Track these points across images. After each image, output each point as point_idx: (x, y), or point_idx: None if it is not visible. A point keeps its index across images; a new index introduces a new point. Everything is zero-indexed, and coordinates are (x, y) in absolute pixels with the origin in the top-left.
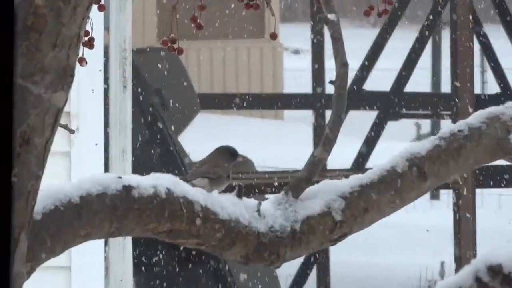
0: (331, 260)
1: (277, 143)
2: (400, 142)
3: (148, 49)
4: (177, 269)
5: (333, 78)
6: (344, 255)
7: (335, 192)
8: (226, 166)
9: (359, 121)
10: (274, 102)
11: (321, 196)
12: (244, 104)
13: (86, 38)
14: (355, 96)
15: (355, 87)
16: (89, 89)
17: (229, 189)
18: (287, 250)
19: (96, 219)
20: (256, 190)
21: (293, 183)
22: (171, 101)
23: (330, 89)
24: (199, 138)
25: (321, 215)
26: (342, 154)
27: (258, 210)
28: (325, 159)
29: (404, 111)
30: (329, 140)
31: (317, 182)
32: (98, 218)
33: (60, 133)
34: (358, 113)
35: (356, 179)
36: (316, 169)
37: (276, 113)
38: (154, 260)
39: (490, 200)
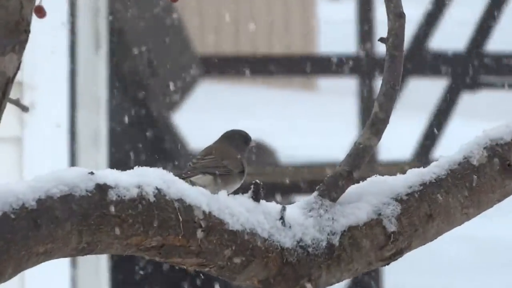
0: (385, 286)
1: (309, 123)
2: (477, 122)
3: None
4: None
5: (385, 34)
6: (402, 278)
7: (387, 193)
8: (238, 157)
9: (421, 93)
10: (305, 66)
11: (368, 198)
12: (263, 69)
13: None
14: (416, 58)
15: (416, 46)
16: (48, 51)
17: (242, 189)
18: (322, 273)
19: (59, 231)
20: (280, 190)
21: (329, 181)
22: (162, 66)
23: (380, 48)
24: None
25: (368, 224)
26: (397, 140)
27: (282, 218)
28: (373, 147)
29: (484, 78)
30: (378, 120)
31: (363, 179)
32: (62, 230)
33: (9, 111)
34: (420, 83)
35: (416, 175)
36: (361, 161)
37: (307, 81)
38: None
39: None
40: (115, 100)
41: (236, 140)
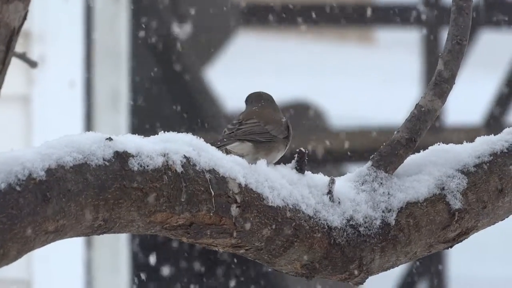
0: (451, 274)
1: (364, 82)
2: None
3: None
4: None
5: None
6: (471, 266)
7: (452, 164)
8: (283, 121)
9: (494, 49)
10: (361, 16)
11: (430, 170)
12: (312, 19)
13: None
14: (488, 8)
15: None
16: None
17: (284, 158)
18: (375, 256)
19: (72, 206)
20: (329, 159)
21: (385, 150)
22: (192, 14)
23: None
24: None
25: (429, 200)
26: (465, 102)
27: (330, 192)
28: (436, 111)
29: None
30: (443, 80)
31: (424, 148)
32: (76, 204)
33: (15, 66)
34: (493, 37)
35: (486, 144)
36: (422, 127)
37: (363, 34)
38: (162, 273)
39: None
40: (137, 55)
41: (272, 100)
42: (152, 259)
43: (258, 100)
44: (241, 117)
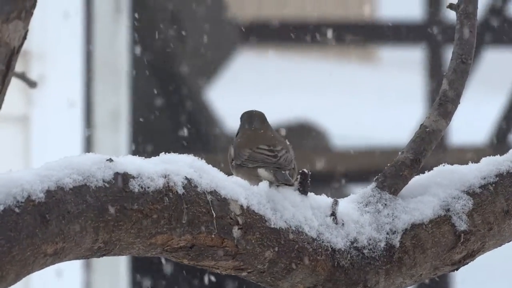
0: None
1: (367, 102)
2: None
3: None
4: None
5: (455, 0)
6: None
7: (457, 185)
8: (286, 141)
9: (499, 68)
10: (363, 34)
11: (435, 191)
12: (313, 37)
13: None
14: (492, 27)
15: (492, 13)
16: (60, 15)
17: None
18: (379, 279)
19: (71, 228)
20: (331, 180)
21: (390, 171)
22: (193, 33)
23: (451, 15)
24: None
25: (434, 222)
26: (470, 122)
27: (334, 214)
28: (441, 131)
29: None
30: (448, 99)
31: (429, 168)
32: (75, 226)
33: (14, 86)
34: (498, 56)
35: (491, 164)
36: (427, 147)
37: (365, 52)
38: None
39: None
40: (138, 74)
41: (268, 124)
42: (152, 282)
43: (261, 120)
44: (271, 145)
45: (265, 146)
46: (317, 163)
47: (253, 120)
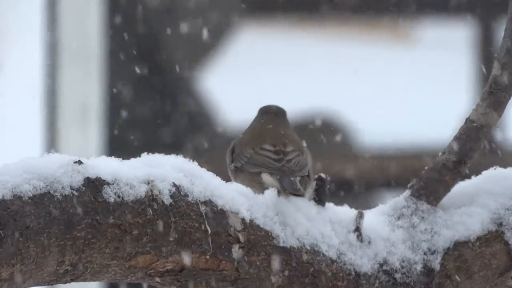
0: None
1: (402, 90)
2: None
3: None
4: None
5: None
6: None
7: None
8: (305, 147)
9: None
10: (396, 7)
11: (484, 201)
12: (333, 10)
13: None
14: None
15: None
16: None
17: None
18: None
19: (31, 247)
20: (355, 188)
21: (428, 175)
22: (182, 5)
23: None
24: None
25: (484, 239)
26: None
27: (358, 229)
28: (491, 126)
29: None
30: (500, 87)
31: (477, 174)
32: (36, 245)
33: None
34: None
35: None
36: (474, 147)
37: (399, 30)
38: None
39: None
40: (113, 56)
41: (286, 119)
42: None
43: (274, 116)
44: (279, 145)
45: (270, 147)
46: (338, 166)
47: (267, 114)
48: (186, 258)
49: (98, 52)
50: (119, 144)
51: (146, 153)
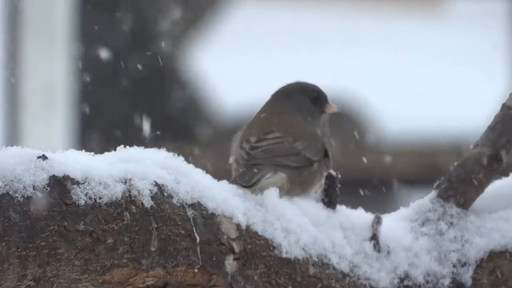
0: None
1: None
2: None
3: None
4: None
5: None
6: None
7: None
8: (316, 135)
9: None
10: None
11: None
12: None
13: None
14: None
15: None
16: None
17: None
18: None
19: None
20: (371, 187)
21: (457, 173)
22: None
23: None
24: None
25: None
26: None
27: (375, 237)
28: None
29: None
30: None
31: None
32: None
33: None
34: None
35: None
36: None
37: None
38: None
39: None
40: (83, 35)
41: (304, 102)
42: None
43: (282, 99)
44: (258, 129)
45: (254, 138)
46: (355, 160)
47: (275, 97)
48: (170, 272)
49: (64, 28)
50: (91, 136)
51: (122, 146)
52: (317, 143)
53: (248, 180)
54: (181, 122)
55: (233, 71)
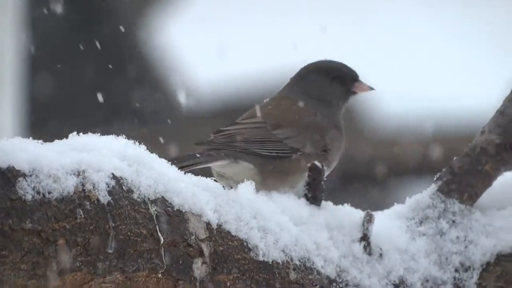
0: None
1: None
2: None
3: None
4: None
5: None
6: None
7: None
8: (313, 121)
9: None
10: None
11: None
12: None
13: None
14: None
15: None
16: None
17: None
18: None
19: None
20: (361, 180)
21: (461, 164)
22: None
23: None
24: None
25: None
26: None
27: (366, 238)
28: None
29: None
30: None
31: None
32: None
33: None
34: None
35: None
36: None
37: None
38: None
39: None
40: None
41: (321, 83)
42: None
43: (296, 80)
44: (247, 114)
45: (233, 126)
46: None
47: (295, 78)
48: (130, 278)
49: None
50: (40, 121)
51: (75, 132)
52: (314, 133)
53: (179, 160)
54: (144, 104)
55: (206, 43)
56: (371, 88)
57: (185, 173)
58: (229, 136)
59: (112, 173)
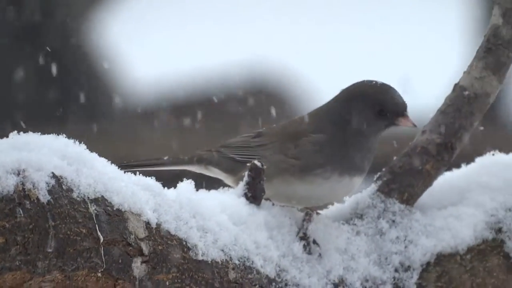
0: None
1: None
2: None
3: None
4: None
5: None
6: None
7: None
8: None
9: None
10: None
11: (477, 199)
12: None
13: None
14: None
15: None
16: None
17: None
18: None
19: None
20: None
21: (401, 164)
22: None
23: None
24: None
25: (477, 251)
26: None
27: (305, 237)
28: (489, 96)
29: None
30: (501, 42)
31: (468, 161)
32: None
33: None
34: None
35: None
36: (466, 123)
37: None
38: None
39: None
40: None
41: (362, 113)
42: None
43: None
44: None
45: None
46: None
47: (340, 96)
48: (70, 276)
49: None
50: None
51: (16, 131)
52: (287, 142)
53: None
54: (85, 103)
55: (149, 41)
56: (414, 125)
57: (125, 172)
58: (223, 144)
59: (52, 172)
